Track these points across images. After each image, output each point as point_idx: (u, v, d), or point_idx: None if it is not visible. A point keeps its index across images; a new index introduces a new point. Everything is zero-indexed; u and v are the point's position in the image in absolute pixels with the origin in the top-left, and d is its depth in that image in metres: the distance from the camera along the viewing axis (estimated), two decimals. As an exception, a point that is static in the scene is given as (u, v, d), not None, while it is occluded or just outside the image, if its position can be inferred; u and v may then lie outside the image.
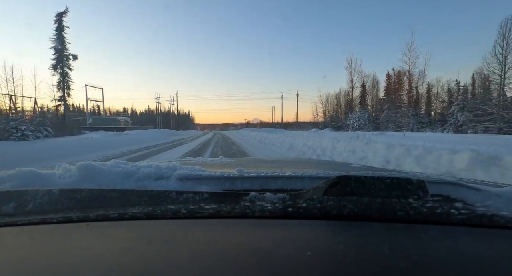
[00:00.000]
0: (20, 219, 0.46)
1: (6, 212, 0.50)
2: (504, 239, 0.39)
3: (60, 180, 0.64)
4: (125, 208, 0.48)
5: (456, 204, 0.44)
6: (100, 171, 0.66)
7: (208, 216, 0.45)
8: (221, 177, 0.67)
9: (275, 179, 0.67)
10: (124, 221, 0.45)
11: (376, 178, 0.48)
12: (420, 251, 0.34)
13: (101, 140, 16.19)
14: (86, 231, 0.42)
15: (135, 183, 0.64)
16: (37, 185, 0.58)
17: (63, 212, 0.49)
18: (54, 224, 0.46)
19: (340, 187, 0.48)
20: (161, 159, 6.71)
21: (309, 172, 0.73)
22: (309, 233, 0.40)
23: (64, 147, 11.16)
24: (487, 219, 0.41)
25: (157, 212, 0.46)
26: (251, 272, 0.30)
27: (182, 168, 0.72)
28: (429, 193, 0.47)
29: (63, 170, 0.67)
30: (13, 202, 0.51)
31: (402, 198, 0.45)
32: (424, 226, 0.42)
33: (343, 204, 0.44)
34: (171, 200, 0.52)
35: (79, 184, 0.61)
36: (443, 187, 0.60)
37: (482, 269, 0.31)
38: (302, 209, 0.45)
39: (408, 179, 0.48)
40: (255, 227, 0.42)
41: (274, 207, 0.45)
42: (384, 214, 0.43)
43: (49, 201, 0.52)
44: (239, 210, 0.46)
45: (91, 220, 0.45)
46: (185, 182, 0.65)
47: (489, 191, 0.55)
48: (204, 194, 0.53)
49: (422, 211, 0.42)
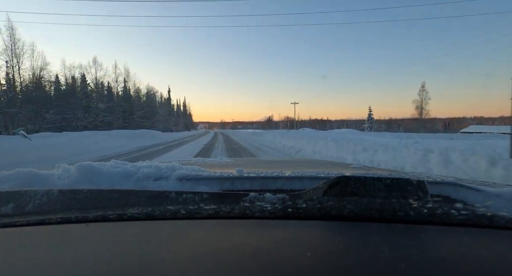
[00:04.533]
0: (18, 220, 0.46)
1: (4, 213, 0.50)
2: (504, 240, 0.39)
3: (59, 180, 0.63)
4: (124, 209, 0.48)
5: (456, 205, 0.44)
6: (99, 171, 0.65)
7: (207, 216, 0.45)
8: (221, 177, 0.67)
9: (275, 180, 0.67)
10: (123, 221, 0.45)
11: (376, 179, 0.48)
12: (420, 251, 0.34)
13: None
14: (85, 232, 0.42)
15: (134, 184, 0.64)
16: (36, 185, 0.58)
17: (62, 213, 0.48)
18: (53, 225, 0.46)
19: (340, 187, 0.48)
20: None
21: (309, 172, 0.73)
22: (309, 233, 0.40)
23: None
24: (487, 219, 0.41)
25: (156, 212, 0.46)
26: (251, 273, 0.29)
27: (181, 168, 0.72)
28: (429, 193, 0.47)
29: (63, 171, 0.67)
30: (11, 203, 0.51)
31: (402, 199, 0.45)
32: (424, 226, 0.42)
33: (343, 204, 0.44)
34: (170, 200, 0.52)
35: (78, 185, 0.61)
36: (443, 187, 0.60)
37: (482, 270, 0.31)
38: (302, 209, 0.45)
39: (408, 179, 0.48)
40: (254, 228, 0.42)
41: (273, 208, 0.45)
42: (384, 215, 0.42)
43: (48, 201, 0.51)
44: (238, 211, 0.46)
45: (90, 221, 0.45)
46: (185, 183, 0.65)
47: (489, 191, 0.55)
48: (203, 194, 0.53)
49: (422, 211, 0.42)
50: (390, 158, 6.49)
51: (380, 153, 7.04)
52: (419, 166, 5.46)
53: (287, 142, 14.52)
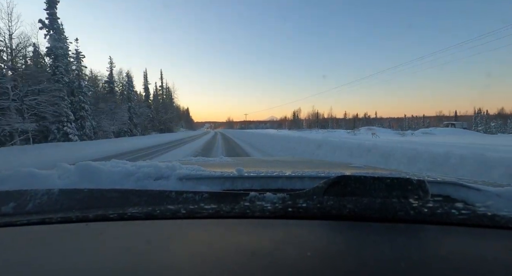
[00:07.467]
0: (19, 219, 0.46)
1: (5, 212, 0.50)
2: (504, 239, 0.39)
3: (59, 180, 0.63)
4: (125, 208, 0.48)
5: (456, 204, 0.44)
6: (100, 171, 0.65)
7: (207, 216, 0.45)
8: (221, 177, 0.67)
9: (275, 179, 0.67)
10: (123, 221, 0.45)
11: (376, 178, 0.48)
12: (421, 251, 0.34)
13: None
14: (85, 231, 0.42)
15: (134, 183, 0.64)
16: (37, 185, 0.58)
17: (62, 212, 0.48)
18: (54, 225, 0.46)
19: (340, 187, 0.48)
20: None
21: (309, 172, 0.73)
22: (309, 233, 0.40)
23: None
24: (487, 219, 0.41)
25: (157, 212, 0.46)
26: (250, 273, 0.29)
27: (182, 168, 0.72)
28: (429, 193, 0.47)
29: (63, 170, 0.67)
30: (12, 202, 0.51)
31: (402, 198, 0.45)
32: (425, 226, 0.42)
33: (343, 204, 0.44)
34: (170, 200, 0.52)
35: (79, 184, 0.61)
36: (444, 187, 0.60)
37: (483, 269, 0.31)
38: (302, 209, 0.45)
39: (408, 179, 0.48)
40: (255, 227, 0.42)
41: (274, 207, 0.45)
42: (385, 214, 0.42)
43: (48, 201, 0.51)
44: (239, 210, 0.46)
45: (90, 220, 0.45)
46: (185, 182, 0.65)
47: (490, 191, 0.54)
48: (204, 194, 0.53)
49: (422, 211, 0.42)
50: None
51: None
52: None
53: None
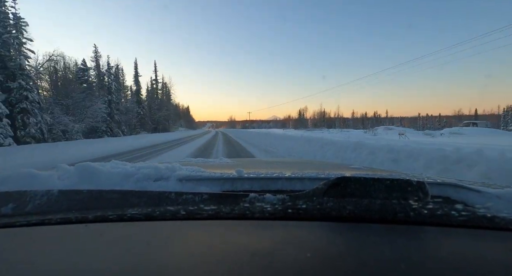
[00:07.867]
0: (18, 220, 0.46)
1: (4, 213, 0.50)
2: (504, 241, 0.39)
3: (59, 181, 0.63)
4: (124, 209, 0.48)
5: (456, 206, 0.44)
6: (99, 172, 0.65)
7: (207, 217, 0.45)
8: (221, 178, 0.67)
9: (275, 180, 0.67)
10: (123, 222, 0.45)
11: (376, 180, 0.48)
12: (421, 252, 0.34)
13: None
14: (85, 232, 0.42)
15: (134, 184, 0.64)
16: (36, 186, 0.58)
17: (62, 213, 0.48)
18: (53, 225, 0.45)
19: (340, 188, 0.48)
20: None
21: (309, 173, 0.73)
22: (309, 234, 0.40)
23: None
24: (487, 220, 0.41)
25: (156, 213, 0.46)
26: (250, 273, 0.29)
27: (181, 169, 0.72)
28: (429, 194, 0.47)
29: (62, 171, 0.67)
30: (11, 203, 0.51)
31: (402, 200, 0.45)
32: (425, 227, 0.42)
33: (343, 205, 0.44)
34: (170, 201, 0.52)
35: (78, 185, 0.61)
36: (444, 188, 0.60)
37: (482, 271, 0.31)
38: (302, 210, 0.44)
39: (408, 180, 0.48)
40: (254, 228, 0.42)
41: (273, 208, 0.45)
42: (384, 216, 0.42)
43: (48, 202, 0.51)
44: (238, 211, 0.45)
45: (90, 221, 0.45)
46: (185, 183, 0.65)
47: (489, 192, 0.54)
48: (203, 195, 0.53)
49: (422, 212, 0.42)
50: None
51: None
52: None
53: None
